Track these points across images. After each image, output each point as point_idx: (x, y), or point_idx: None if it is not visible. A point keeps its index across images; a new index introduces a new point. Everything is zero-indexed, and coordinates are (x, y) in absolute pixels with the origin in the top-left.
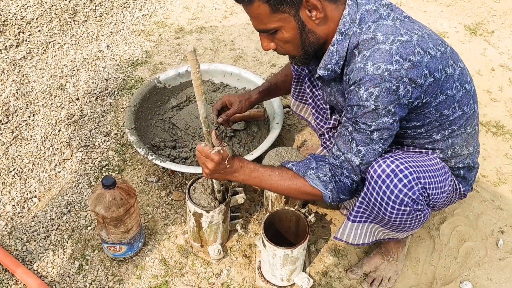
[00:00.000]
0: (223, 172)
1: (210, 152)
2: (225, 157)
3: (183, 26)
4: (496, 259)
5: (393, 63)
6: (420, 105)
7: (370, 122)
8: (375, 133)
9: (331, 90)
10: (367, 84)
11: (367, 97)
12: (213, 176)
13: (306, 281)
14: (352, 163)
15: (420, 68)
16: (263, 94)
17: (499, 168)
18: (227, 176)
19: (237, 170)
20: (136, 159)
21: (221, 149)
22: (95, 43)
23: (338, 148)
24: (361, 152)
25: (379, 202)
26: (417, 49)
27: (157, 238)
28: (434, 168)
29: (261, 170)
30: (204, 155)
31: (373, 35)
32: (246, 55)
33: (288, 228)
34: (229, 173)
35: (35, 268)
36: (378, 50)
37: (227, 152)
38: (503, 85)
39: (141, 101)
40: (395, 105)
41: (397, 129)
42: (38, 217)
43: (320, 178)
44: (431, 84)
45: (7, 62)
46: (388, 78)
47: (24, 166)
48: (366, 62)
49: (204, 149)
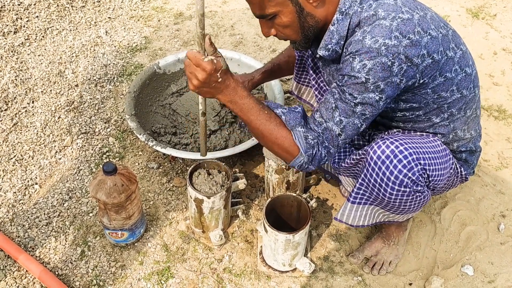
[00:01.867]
0: (213, 86)
1: (202, 60)
2: (218, 68)
3: (182, 11)
4: (497, 243)
5: (392, 38)
6: (417, 85)
7: (357, 94)
8: (358, 106)
9: (330, 70)
10: (362, 56)
11: (359, 69)
12: (201, 90)
13: (307, 266)
14: (332, 132)
15: (418, 47)
16: (266, 75)
17: (500, 153)
18: (216, 92)
19: (228, 88)
20: (137, 145)
21: (214, 59)
22: (93, 29)
23: (321, 115)
24: (342, 123)
25: (378, 183)
26: (417, 29)
27: (158, 224)
28: (435, 150)
29: (253, 100)
30: (195, 63)
31: (374, 12)
32: (246, 40)
33: (290, 213)
34: (218, 88)
35: (37, 254)
36: (379, 25)
37: (221, 63)
38: (505, 69)
39: (140, 87)
40: (386, 82)
41: (381, 109)
42: (40, 204)
43: (307, 140)
44: (429, 65)
45: (5, 49)
46: (385, 53)
47: (24, 153)
48: (365, 36)
49: (196, 55)
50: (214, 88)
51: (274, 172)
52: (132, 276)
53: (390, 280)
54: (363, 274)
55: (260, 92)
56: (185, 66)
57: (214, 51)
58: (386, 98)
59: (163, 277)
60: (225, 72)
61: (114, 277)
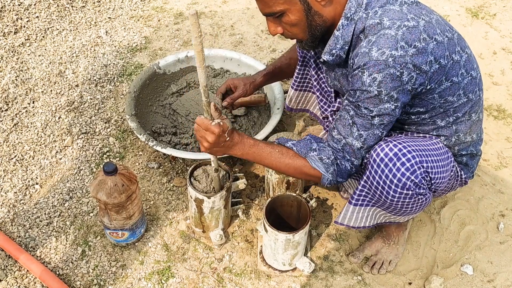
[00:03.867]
0: (222, 145)
1: (210, 124)
2: (225, 129)
3: (182, 11)
4: (496, 243)
5: (398, 49)
6: (424, 91)
7: (372, 107)
8: (376, 118)
9: (335, 75)
10: (371, 69)
11: (370, 82)
12: (212, 151)
13: (307, 265)
14: (353, 147)
15: (425, 54)
16: (268, 77)
17: (500, 152)
18: (226, 150)
19: (237, 144)
20: (137, 145)
21: (220, 121)
22: (93, 29)
23: (339, 132)
24: (363, 137)
25: (381, 186)
26: (423, 35)
27: (159, 224)
28: (437, 152)
29: (261, 145)
30: (204, 128)
31: (379, 20)
32: (246, 40)
33: (290, 213)
34: (228, 146)
35: (38, 254)
36: (384, 35)
37: (227, 125)
38: (505, 68)
39: (141, 87)
40: (398, 91)
41: (398, 115)
42: (40, 204)
43: (323, 160)
44: (436, 71)
45: (5, 49)
46: (392, 64)
47: (25, 153)
48: (371, 47)
49: (204, 121)
50: (224, 147)
51: (274, 172)
52: (133, 275)
53: (390, 280)
54: (363, 273)
55: (260, 92)
56: (195, 131)
57: (219, 115)
58: (402, 104)
59: (163, 276)
60: (232, 131)
61: (114, 276)
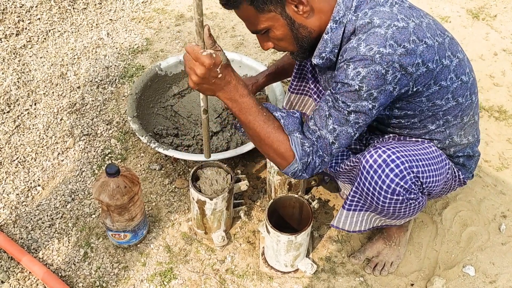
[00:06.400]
0: (213, 82)
1: (200, 54)
2: (217, 62)
3: (183, 13)
4: (498, 244)
5: (387, 47)
6: (410, 93)
7: (350, 102)
8: (352, 114)
9: (326, 77)
10: (356, 63)
11: (353, 76)
12: (200, 87)
13: (309, 266)
14: (326, 141)
15: (413, 56)
16: (270, 77)
17: (501, 153)
18: (216, 90)
19: (228, 85)
20: (139, 147)
21: (213, 53)
22: (95, 30)
23: (315, 123)
24: (336, 131)
25: (371, 192)
26: (412, 37)
27: (161, 226)
28: (429, 156)
29: (253, 100)
30: (194, 57)
31: (369, 20)
32: (247, 41)
33: (292, 214)
34: (219, 85)
35: (41, 256)
36: (374, 33)
37: (220, 58)
38: (505, 69)
39: (142, 89)
40: (379, 91)
41: (374, 117)
42: (42, 206)
43: (303, 147)
44: (423, 74)
45: (7, 51)
46: (379, 61)
47: (27, 155)
48: (360, 43)
49: (195, 49)
50: (214, 85)
51: (276, 173)
52: (135, 277)
53: (392, 281)
54: (365, 274)
55: (262, 93)
56: (184, 62)
57: (213, 44)
58: (379, 106)
59: (165, 278)
60: (226, 67)
61: (117, 278)
